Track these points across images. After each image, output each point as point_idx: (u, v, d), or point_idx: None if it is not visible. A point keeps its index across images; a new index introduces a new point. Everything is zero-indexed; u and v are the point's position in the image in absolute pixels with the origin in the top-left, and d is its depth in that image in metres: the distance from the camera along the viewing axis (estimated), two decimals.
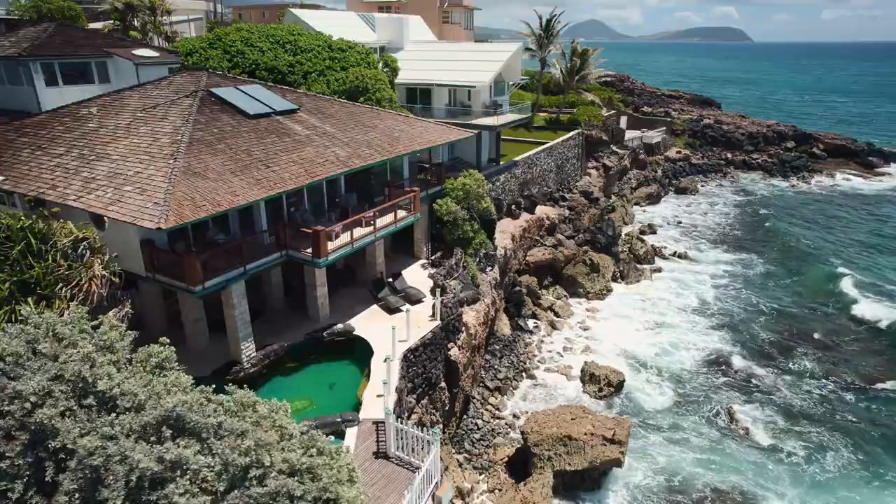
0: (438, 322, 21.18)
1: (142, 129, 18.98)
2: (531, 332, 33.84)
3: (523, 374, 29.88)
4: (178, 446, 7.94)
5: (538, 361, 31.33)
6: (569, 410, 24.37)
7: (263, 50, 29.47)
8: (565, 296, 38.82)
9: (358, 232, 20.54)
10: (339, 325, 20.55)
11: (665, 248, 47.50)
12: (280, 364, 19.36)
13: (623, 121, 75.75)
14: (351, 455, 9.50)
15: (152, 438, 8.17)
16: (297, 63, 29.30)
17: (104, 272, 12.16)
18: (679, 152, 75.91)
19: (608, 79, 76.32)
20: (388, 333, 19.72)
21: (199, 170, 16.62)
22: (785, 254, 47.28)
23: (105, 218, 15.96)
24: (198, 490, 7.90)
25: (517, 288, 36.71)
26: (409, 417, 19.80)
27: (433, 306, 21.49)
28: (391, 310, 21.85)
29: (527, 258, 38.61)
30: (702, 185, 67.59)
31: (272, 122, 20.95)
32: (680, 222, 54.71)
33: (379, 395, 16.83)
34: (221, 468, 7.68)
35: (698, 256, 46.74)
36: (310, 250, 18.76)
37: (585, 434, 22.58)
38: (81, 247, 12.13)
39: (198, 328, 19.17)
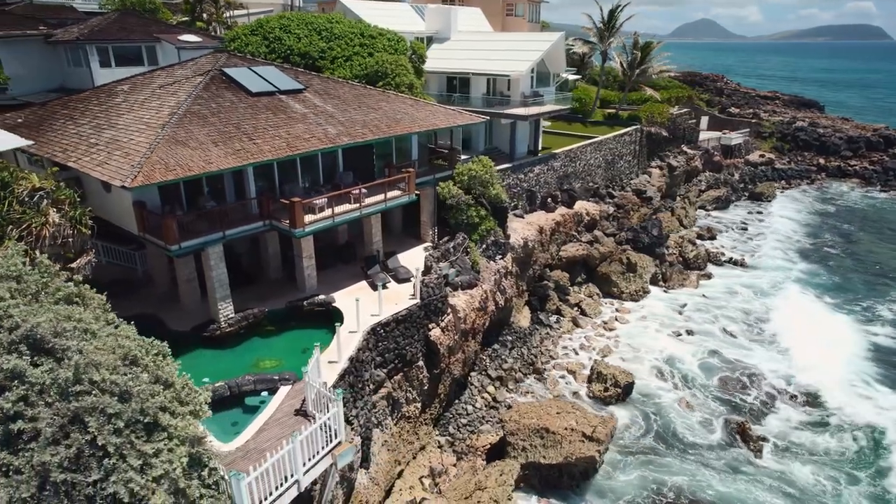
0: (418, 301, 21.40)
1: (153, 104, 20.76)
2: (550, 327, 33.12)
3: (531, 366, 29.37)
4: (28, 363, 8.89)
5: (550, 356, 30.65)
6: (556, 404, 23.80)
7: (300, 36, 30.96)
8: (597, 294, 37.60)
9: (343, 207, 21.21)
10: (321, 297, 21.33)
11: (721, 254, 44.55)
12: (260, 327, 20.42)
13: (703, 121, 71.96)
14: (201, 392, 10.10)
15: (14, 354, 9.17)
16: (329, 49, 30.53)
17: (59, 219, 13.60)
18: (762, 156, 70.71)
19: (674, 75, 72.14)
20: (366, 307, 20.31)
21: (182, 139, 17.98)
22: (864, 272, 42.58)
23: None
24: (43, 403, 8.80)
25: (544, 281, 36.06)
26: (376, 391, 20.28)
27: (414, 285, 21.76)
28: (376, 286, 22.33)
29: (560, 253, 37.79)
30: (781, 191, 62.58)
31: (273, 100, 22.09)
32: (746, 228, 51.02)
33: (331, 362, 17.44)
34: (51, 382, 8.50)
35: (757, 265, 43.38)
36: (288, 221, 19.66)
37: (565, 429, 21.96)
38: (38, 196, 13.66)
39: (190, 288, 20.66)
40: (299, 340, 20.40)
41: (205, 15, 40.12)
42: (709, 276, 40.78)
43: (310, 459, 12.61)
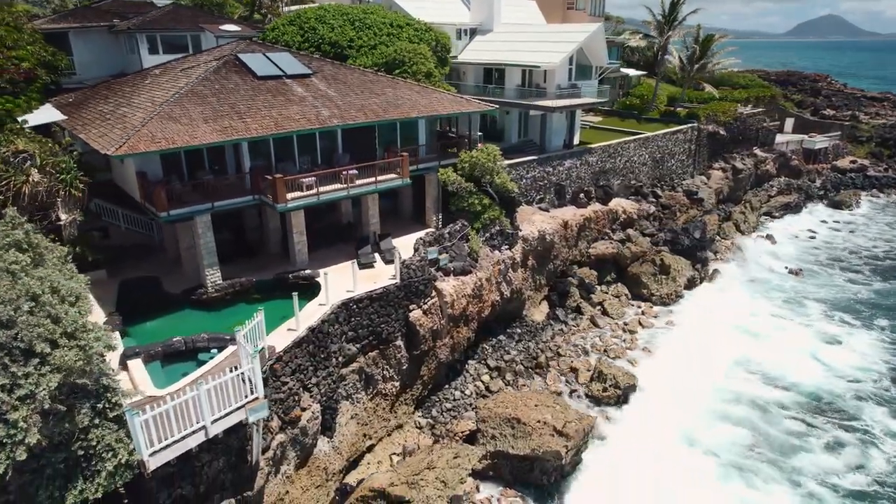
0: (397, 281, 21.87)
1: (166, 85, 22.67)
2: (566, 324, 32.42)
3: (534, 360, 28.92)
4: None
5: (557, 353, 29.99)
6: (536, 397, 23.46)
7: (333, 27, 32.29)
8: (626, 295, 36.19)
9: (331, 187, 22.10)
10: (307, 271, 22.36)
11: (777, 261, 41.42)
12: (247, 294, 21.78)
13: (788, 123, 67.11)
14: (95, 331, 11.19)
15: None
16: (357, 38, 31.63)
17: (40, 179, 15.38)
18: (854, 161, 64.53)
19: (756, 73, 67.26)
20: (344, 283, 21.12)
21: (175, 115, 19.55)
22: None
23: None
24: None
25: (568, 278, 35.28)
26: (346, 364, 20.99)
27: (395, 266, 22.23)
28: (362, 265, 23.10)
29: (589, 250, 36.80)
30: (869, 200, 56.85)
31: (278, 83, 23.37)
32: (813, 237, 46.95)
33: (290, 330, 18.39)
34: None
35: (815, 276, 39.92)
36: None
37: (538, 421, 21.62)
38: (21, 157, 15.51)
39: (189, 255, 22.32)
40: (280, 309, 21.46)
41: (263, 9, 42.70)
42: (754, 283, 38.05)
43: (220, 409, 13.46)
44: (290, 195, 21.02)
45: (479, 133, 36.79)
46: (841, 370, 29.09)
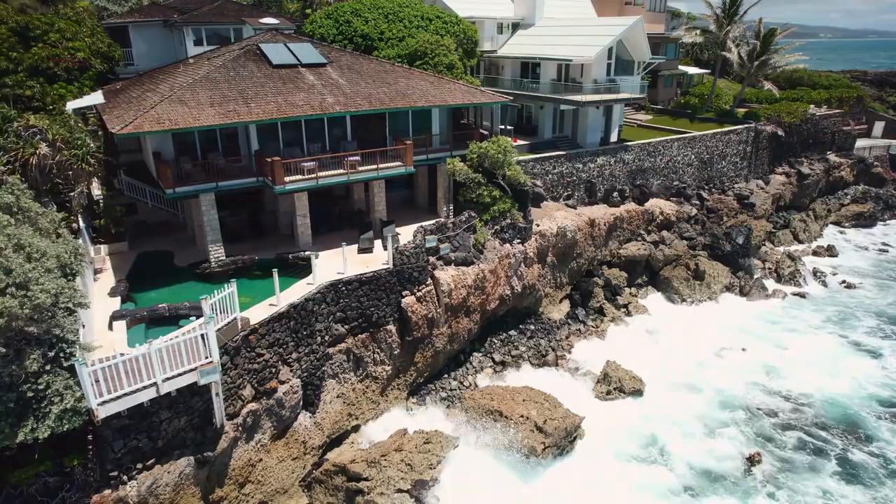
0: (389, 266, 22.21)
1: (192, 72, 24.18)
2: (584, 324, 31.56)
3: (542, 358, 28.38)
4: None
5: (568, 352, 29.26)
6: (526, 392, 23.09)
7: (367, 20, 33.13)
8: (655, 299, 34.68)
9: (331, 172, 22.77)
10: (307, 252, 23.11)
11: (835, 273, 38.30)
12: (248, 271, 22.85)
13: (877, 127, 61.81)
14: (48, 282, 12.25)
15: None
16: (388, 30, 32.29)
17: (48, 152, 16.96)
18: None
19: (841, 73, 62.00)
20: (338, 266, 21.75)
21: (184, 99, 20.86)
22: None
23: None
24: None
25: (594, 277, 34.29)
26: (333, 344, 21.56)
27: (389, 251, 22.56)
28: (361, 249, 23.64)
29: (620, 250, 35.60)
30: None
31: (291, 71, 24.33)
32: (885, 250, 42.88)
33: (271, 305, 19.20)
34: None
35: (877, 291, 36.51)
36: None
37: (520, 416, 21.33)
38: (30, 132, 17.14)
39: (202, 231, 23.74)
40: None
41: (314, 5, 44.36)
42: (803, 296, 35.35)
43: (173, 368, 14.32)
44: (289, 178, 21.86)
45: (510, 127, 36.66)
46: (871, 388, 26.73)
